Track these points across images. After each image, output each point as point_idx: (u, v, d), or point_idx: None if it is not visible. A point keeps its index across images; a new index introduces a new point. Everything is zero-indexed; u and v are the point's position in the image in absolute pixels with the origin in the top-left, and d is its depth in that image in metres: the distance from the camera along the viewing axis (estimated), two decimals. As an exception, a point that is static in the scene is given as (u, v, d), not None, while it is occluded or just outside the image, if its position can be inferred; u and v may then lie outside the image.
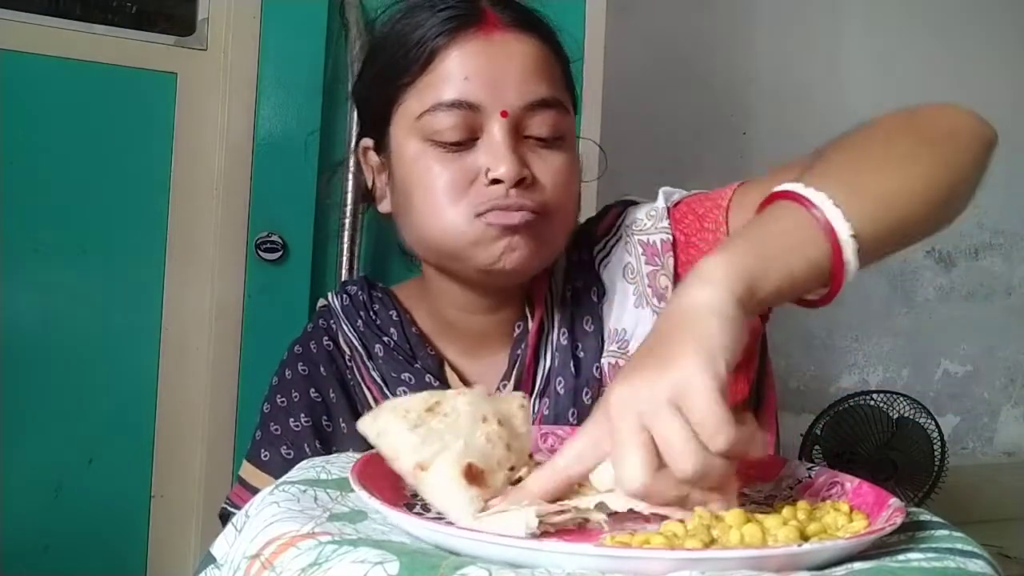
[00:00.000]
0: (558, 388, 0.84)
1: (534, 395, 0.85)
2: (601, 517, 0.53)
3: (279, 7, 1.34)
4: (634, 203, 0.91)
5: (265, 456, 0.87)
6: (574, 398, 0.82)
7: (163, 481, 1.33)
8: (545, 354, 0.86)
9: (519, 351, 0.86)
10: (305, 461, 0.66)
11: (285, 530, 0.49)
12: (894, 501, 0.53)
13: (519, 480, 0.56)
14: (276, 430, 0.87)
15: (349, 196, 1.32)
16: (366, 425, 0.57)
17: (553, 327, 0.87)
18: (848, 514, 0.53)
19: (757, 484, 0.66)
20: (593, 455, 0.53)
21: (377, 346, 0.88)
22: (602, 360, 0.85)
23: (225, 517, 0.87)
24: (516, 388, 0.84)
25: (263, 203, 1.33)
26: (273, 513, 0.52)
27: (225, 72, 1.33)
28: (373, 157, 0.87)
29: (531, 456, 0.58)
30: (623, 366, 0.56)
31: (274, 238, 1.33)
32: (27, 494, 1.25)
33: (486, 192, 0.77)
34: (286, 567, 0.45)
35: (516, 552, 0.44)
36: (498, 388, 0.86)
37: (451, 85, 0.78)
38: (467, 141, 0.78)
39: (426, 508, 0.55)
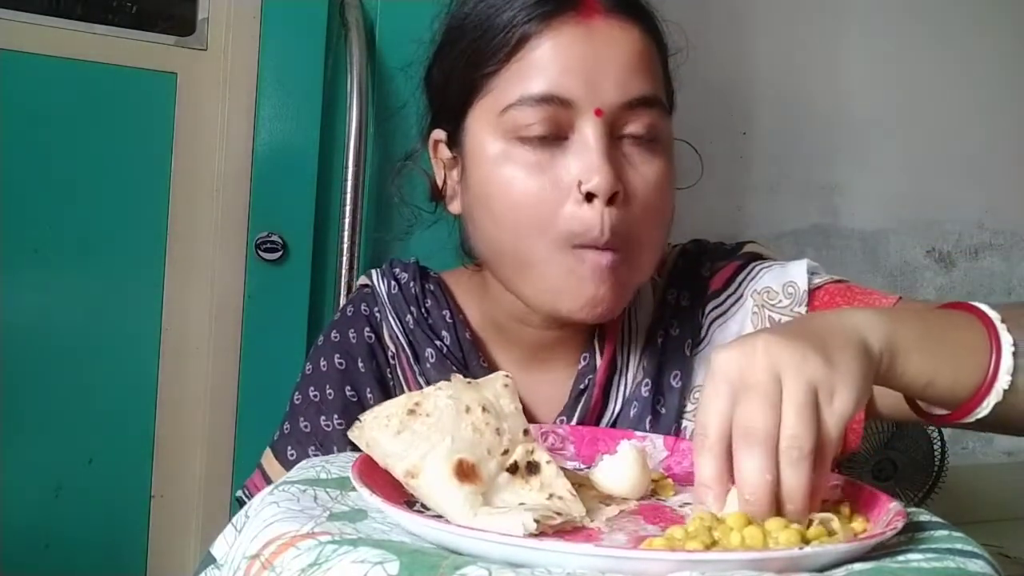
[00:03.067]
0: None
1: None
2: (595, 525, 0.53)
3: (279, 7, 1.33)
4: (759, 257, 0.84)
5: (292, 455, 0.81)
6: None
7: (163, 481, 1.33)
8: (616, 397, 0.80)
9: (583, 385, 0.79)
10: (305, 461, 0.66)
11: (285, 530, 0.49)
12: (894, 505, 0.53)
13: (515, 464, 0.55)
14: (306, 427, 0.81)
15: (348, 196, 1.32)
16: (355, 437, 0.57)
17: (628, 369, 0.80)
18: (848, 516, 0.53)
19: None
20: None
21: (428, 350, 0.81)
22: (684, 422, 0.78)
23: (241, 503, 0.84)
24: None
25: (263, 203, 1.33)
26: (273, 513, 0.52)
27: (225, 72, 1.33)
28: (444, 151, 0.80)
29: (526, 433, 0.57)
30: (772, 326, 0.54)
31: (274, 238, 1.33)
32: (27, 494, 1.25)
33: (578, 218, 0.69)
34: (286, 567, 0.45)
35: (516, 551, 0.44)
36: (555, 423, 0.79)
37: (542, 77, 0.70)
38: (555, 139, 0.71)
39: (427, 506, 0.55)
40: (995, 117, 2.12)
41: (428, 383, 0.80)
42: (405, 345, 0.83)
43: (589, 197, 0.69)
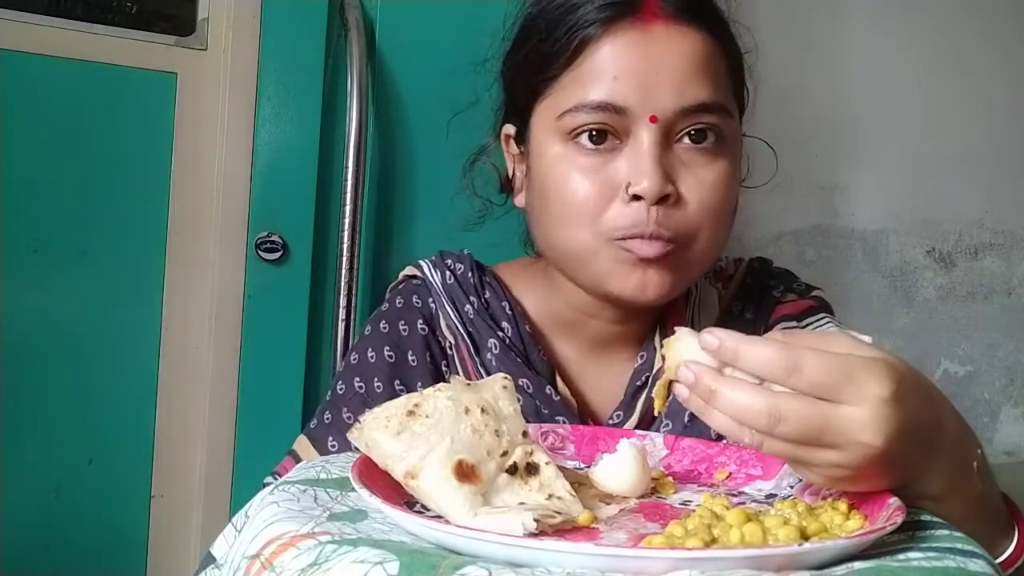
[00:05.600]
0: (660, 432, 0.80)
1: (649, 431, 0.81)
2: (595, 524, 0.53)
3: (279, 7, 1.33)
4: (828, 308, 0.86)
5: (333, 446, 0.79)
6: None
7: (163, 481, 1.33)
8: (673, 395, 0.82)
9: (639, 382, 0.81)
10: (304, 461, 0.66)
11: (285, 530, 0.48)
12: (894, 500, 0.53)
13: (514, 465, 0.55)
14: (349, 418, 0.80)
15: (348, 196, 1.32)
16: (354, 438, 0.57)
17: None
18: (846, 513, 0.53)
19: (757, 483, 0.66)
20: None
21: (491, 341, 0.82)
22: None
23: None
24: (637, 426, 0.81)
25: (263, 203, 1.33)
26: (273, 513, 0.51)
27: (225, 72, 1.33)
28: (514, 146, 0.82)
29: (525, 434, 0.57)
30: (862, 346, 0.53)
31: (274, 238, 1.33)
32: (27, 494, 1.25)
33: (625, 214, 0.71)
34: (286, 567, 0.45)
35: (516, 551, 0.44)
36: (611, 418, 0.82)
37: (598, 84, 0.71)
38: (611, 144, 0.72)
39: (426, 507, 0.55)
40: (995, 117, 2.12)
41: (488, 374, 0.80)
42: (464, 336, 0.83)
43: (636, 199, 0.71)
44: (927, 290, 2.16)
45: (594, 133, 0.72)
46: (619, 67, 0.71)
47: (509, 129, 0.83)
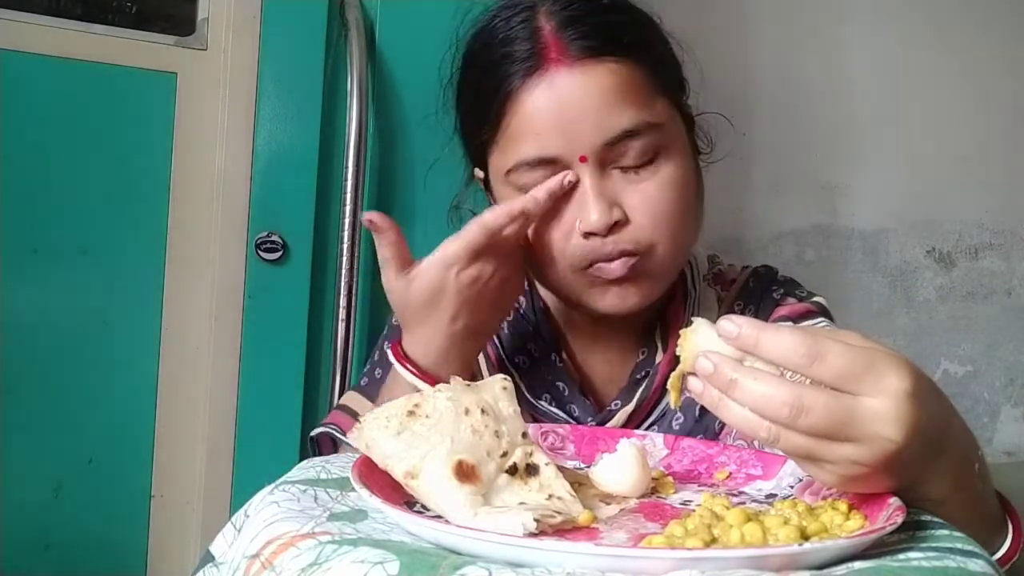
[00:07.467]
0: (674, 425, 0.84)
1: (647, 425, 0.85)
2: (595, 524, 0.53)
3: (279, 7, 1.33)
4: (827, 313, 0.89)
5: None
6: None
7: (163, 481, 1.33)
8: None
9: (640, 375, 0.86)
10: (305, 461, 0.66)
11: (285, 530, 0.48)
12: (894, 500, 0.53)
13: (514, 466, 0.55)
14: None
15: (348, 196, 1.32)
16: (354, 439, 0.57)
17: None
18: (846, 513, 0.53)
19: (757, 483, 0.66)
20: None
21: None
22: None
23: (316, 441, 0.87)
24: (632, 414, 0.85)
25: (263, 203, 1.33)
26: (273, 513, 0.51)
27: (225, 72, 1.33)
28: (486, 188, 0.88)
29: (524, 435, 0.57)
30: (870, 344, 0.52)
31: (274, 238, 1.33)
32: (27, 494, 1.25)
33: (583, 246, 0.76)
34: (286, 567, 0.45)
35: (516, 551, 0.44)
36: (610, 407, 0.86)
37: (527, 142, 0.76)
38: None
39: (426, 507, 0.55)
40: (995, 117, 2.12)
41: (502, 341, 0.89)
42: None
43: (588, 235, 0.76)
44: (927, 290, 2.16)
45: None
46: (539, 123, 0.75)
47: (479, 173, 0.88)
